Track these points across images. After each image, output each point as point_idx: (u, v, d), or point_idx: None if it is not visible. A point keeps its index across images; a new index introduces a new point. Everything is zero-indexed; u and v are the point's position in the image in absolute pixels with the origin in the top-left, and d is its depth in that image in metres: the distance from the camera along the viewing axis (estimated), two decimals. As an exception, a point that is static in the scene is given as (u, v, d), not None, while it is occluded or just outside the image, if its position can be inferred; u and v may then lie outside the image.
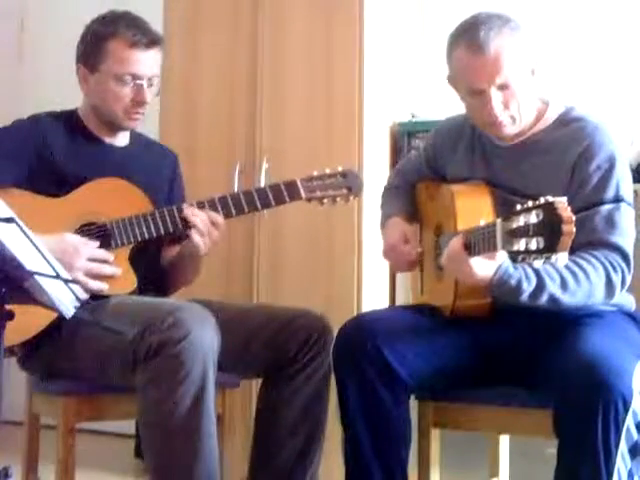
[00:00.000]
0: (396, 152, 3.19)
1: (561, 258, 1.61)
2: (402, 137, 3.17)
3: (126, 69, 2.22)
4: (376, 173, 3.04)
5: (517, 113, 2.03)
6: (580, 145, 2.01)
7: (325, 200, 2.29)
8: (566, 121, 2.07)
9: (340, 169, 2.30)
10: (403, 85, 3.32)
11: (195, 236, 2.16)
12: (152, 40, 2.25)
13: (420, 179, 2.35)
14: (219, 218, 2.18)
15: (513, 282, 1.86)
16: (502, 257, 1.81)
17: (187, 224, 2.17)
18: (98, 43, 2.23)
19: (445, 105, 2.45)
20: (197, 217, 2.16)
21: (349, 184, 2.29)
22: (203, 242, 2.16)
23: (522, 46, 2.00)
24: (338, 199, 2.30)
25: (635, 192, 2.78)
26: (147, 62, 2.24)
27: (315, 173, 2.28)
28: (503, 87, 2.00)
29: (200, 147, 3.23)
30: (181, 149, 3.16)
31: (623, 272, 1.95)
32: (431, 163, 2.32)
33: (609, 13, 3.24)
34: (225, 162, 3.15)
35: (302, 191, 2.25)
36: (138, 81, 2.23)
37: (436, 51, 2.17)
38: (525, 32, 2.03)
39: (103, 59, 2.23)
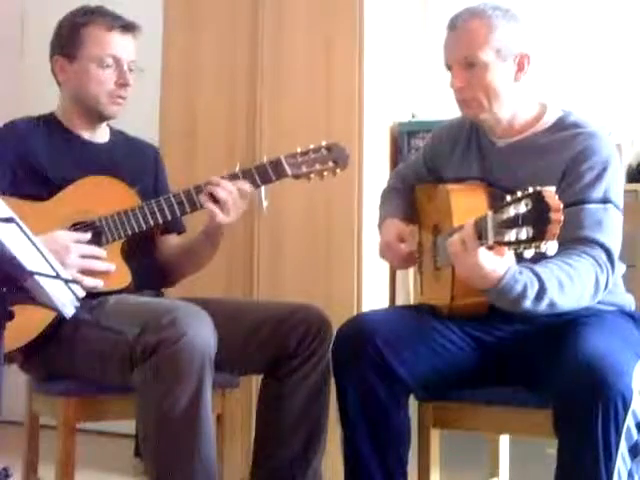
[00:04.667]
0: (396, 152, 3.19)
1: (551, 247, 1.59)
2: (402, 137, 3.17)
3: (106, 51, 2.24)
4: (376, 173, 3.04)
5: (484, 98, 2.04)
6: (575, 148, 2.01)
7: (312, 175, 2.26)
8: (564, 126, 2.07)
9: (324, 143, 2.27)
10: (403, 85, 3.32)
11: (216, 208, 2.16)
12: (128, 25, 2.27)
13: (418, 181, 2.36)
14: (247, 186, 2.20)
15: (519, 287, 1.82)
16: (510, 256, 1.80)
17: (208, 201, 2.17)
18: (75, 31, 2.25)
19: (445, 105, 2.45)
20: (226, 190, 2.17)
21: (335, 157, 2.26)
22: (228, 214, 2.18)
23: (502, 32, 2.01)
24: (325, 173, 2.27)
25: (635, 192, 2.80)
26: (125, 46, 2.26)
27: (299, 149, 2.26)
28: (468, 65, 2.02)
29: (200, 147, 3.23)
30: (181, 149, 3.19)
31: (608, 272, 1.93)
32: (429, 165, 2.32)
33: (609, 13, 3.24)
34: (225, 162, 3.14)
35: (287, 168, 2.23)
36: (119, 63, 2.25)
37: (437, 51, 2.18)
38: (517, 24, 2.04)
39: (82, 45, 2.24)
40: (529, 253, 1.62)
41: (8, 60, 4.25)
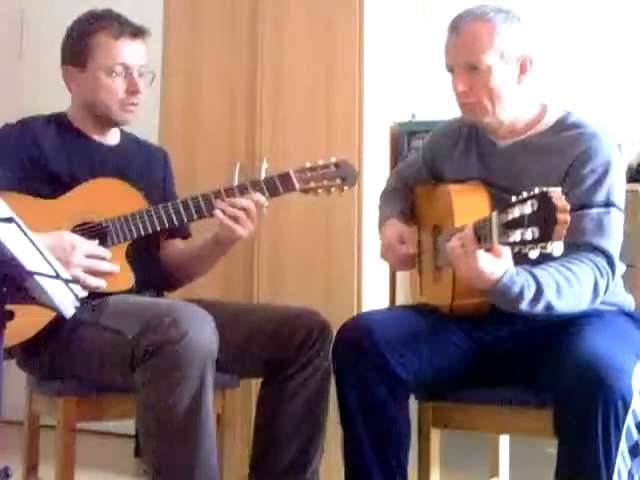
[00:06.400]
0: (396, 152, 3.19)
1: (556, 248, 1.60)
2: (402, 137, 3.17)
3: (115, 60, 2.23)
4: (376, 173, 3.04)
5: (488, 102, 2.03)
6: (577, 149, 2.01)
7: (320, 191, 2.29)
8: (565, 126, 2.07)
9: (333, 160, 2.29)
10: (403, 85, 3.32)
11: (232, 223, 2.18)
12: (137, 30, 2.27)
13: (418, 181, 2.36)
14: (263, 199, 2.21)
15: (516, 289, 1.82)
16: (507, 258, 1.80)
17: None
18: (83, 40, 2.25)
19: (445, 105, 2.45)
20: (242, 207, 2.18)
21: (343, 174, 2.29)
22: (245, 228, 2.20)
23: (505, 35, 2.01)
24: (332, 189, 2.29)
25: (635, 192, 2.80)
26: (134, 52, 2.26)
27: (308, 164, 2.28)
28: (471, 69, 2.02)
29: (200, 147, 3.23)
30: (181, 149, 3.18)
31: (608, 278, 1.94)
32: (428, 165, 2.32)
33: (609, 14, 3.24)
34: (225, 162, 3.15)
35: (296, 182, 2.25)
36: (129, 71, 2.25)
37: (436, 51, 2.18)
38: (519, 26, 2.04)
39: (91, 54, 2.24)
40: (534, 254, 1.62)
41: (7, 60, 4.25)
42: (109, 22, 2.25)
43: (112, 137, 2.38)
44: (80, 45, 2.25)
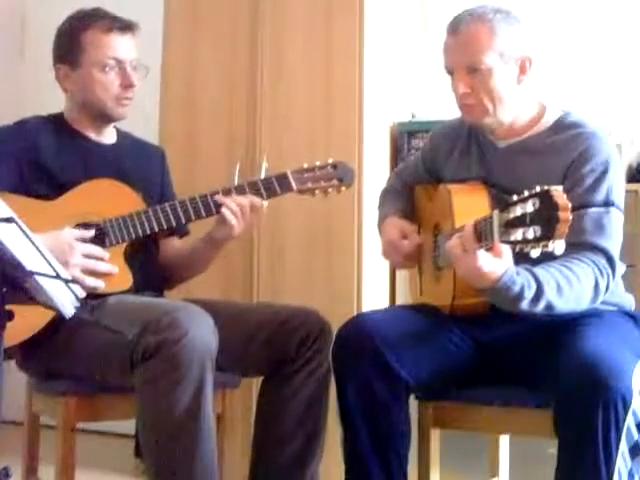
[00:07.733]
0: (396, 152, 3.19)
1: (558, 246, 1.60)
2: (402, 137, 3.17)
3: (107, 54, 2.24)
4: (376, 173, 3.04)
5: (489, 102, 2.03)
6: (576, 150, 2.01)
7: (317, 191, 2.30)
8: (564, 126, 2.07)
9: (331, 161, 2.31)
10: (403, 85, 3.32)
11: (234, 219, 2.20)
12: (126, 25, 2.27)
13: (418, 182, 2.36)
14: (258, 201, 2.23)
15: (517, 288, 1.82)
16: (508, 257, 1.80)
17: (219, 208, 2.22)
18: (74, 38, 2.25)
19: (445, 105, 2.46)
20: (238, 203, 2.21)
21: (340, 175, 2.30)
22: (239, 225, 2.22)
23: (505, 36, 2.01)
24: (330, 190, 2.31)
25: (635, 192, 2.80)
26: (126, 46, 2.27)
27: (306, 165, 2.29)
28: (471, 70, 2.01)
29: (200, 147, 3.24)
30: (181, 148, 3.19)
31: (609, 277, 1.94)
32: (428, 166, 2.33)
33: (609, 13, 3.24)
34: (225, 162, 3.15)
35: (293, 183, 2.27)
36: (122, 65, 2.25)
37: (436, 51, 2.18)
38: (518, 26, 2.04)
39: (82, 51, 2.24)
40: (535, 252, 1.62)
41: (8, 60, 4.25)
42: (98, 18, 2.26)
43: (109, 136, 2.38)
44: (71, 43, 2.25)
